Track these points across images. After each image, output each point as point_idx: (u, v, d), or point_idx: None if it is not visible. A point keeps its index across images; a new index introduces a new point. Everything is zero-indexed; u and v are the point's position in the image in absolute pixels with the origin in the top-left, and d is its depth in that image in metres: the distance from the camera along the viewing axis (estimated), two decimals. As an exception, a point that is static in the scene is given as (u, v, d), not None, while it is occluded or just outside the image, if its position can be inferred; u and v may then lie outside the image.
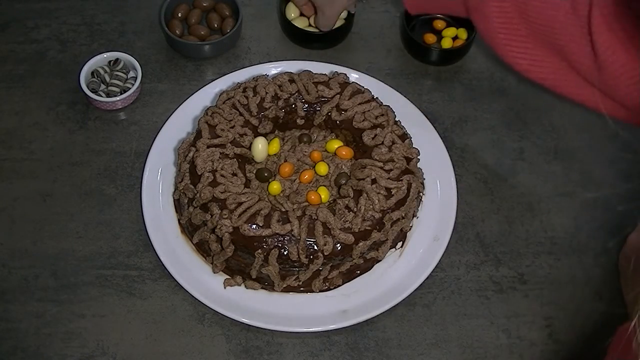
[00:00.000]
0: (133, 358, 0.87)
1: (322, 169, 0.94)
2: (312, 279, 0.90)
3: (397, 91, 1.05)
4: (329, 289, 0.91)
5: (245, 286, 0.91)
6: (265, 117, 0.95)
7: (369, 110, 0.95)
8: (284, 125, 0.98)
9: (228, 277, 0.91)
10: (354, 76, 1.05)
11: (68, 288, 0.91)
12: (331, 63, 1.07)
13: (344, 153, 0.95)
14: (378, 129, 0.94)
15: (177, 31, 1.09)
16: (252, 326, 0.89)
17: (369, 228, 0.87)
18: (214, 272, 0.91)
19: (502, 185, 1.01)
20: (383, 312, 0.90)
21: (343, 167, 0.95)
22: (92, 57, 1.05)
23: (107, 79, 1.05)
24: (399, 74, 1.10)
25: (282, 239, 0.86)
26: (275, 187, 0.91)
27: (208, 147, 0.90)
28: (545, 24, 0.82)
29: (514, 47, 0.85)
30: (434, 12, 1.06)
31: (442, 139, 1.01)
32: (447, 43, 1.10)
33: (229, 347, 0.89)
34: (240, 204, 0.87)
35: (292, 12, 1.11)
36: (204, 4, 1.13)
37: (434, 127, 1.02)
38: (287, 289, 0.91)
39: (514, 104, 1.08)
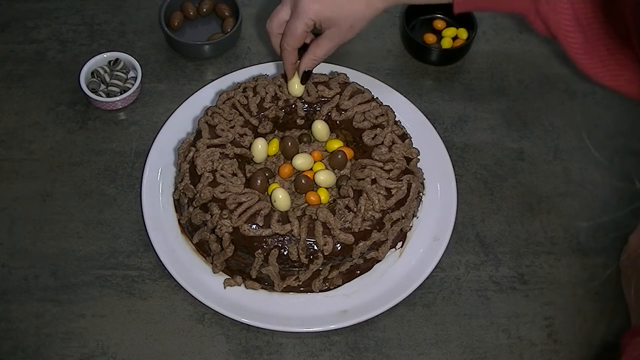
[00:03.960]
0: (133, 358, 0.87)
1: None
2: (312, 279, 0.90)
3: (397, 91, 1.05)
4: (329, 289, 0.91)
5: (245, 286, 0.91)
6: (265, 117, 0.95)
7: (369, 110, 0.95)
8: (284, 125, 0.98)
9: (228, 277, 0.91)
10: (354, 76, 1.05)
11: (68, 288, 0.91)
12: (331, 63, 1.06)
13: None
14: (378, 129, 0.94)
15: (177, 29, 1.09)
16: (252, 326, 0.89)
17: (369, 228, 0.87)
18: (214, 272, 0.91)
19: (502, 185, 1.01)
20: (383, 312, 0.90)
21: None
22: (92, 57, 1.05)
23: (107, 79, 1.05)
24: (399, 74, 1.10)
25: (282, 239, 0.86)
26: (274, 187, 0.91)
27: (208, 147, 0.90)
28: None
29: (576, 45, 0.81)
30: (486, 10, 0.94)
31: (442, 139, 1.01)
32: (447, 43, 1.10)
33: (229, 347, 0.89)
34: (240, 204, 0.87)
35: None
36: (204, 4, 1.13)
37: (434, 127, 1.02)
38: (287, 289, 0.91)
39: (514, 104, 1.08)
